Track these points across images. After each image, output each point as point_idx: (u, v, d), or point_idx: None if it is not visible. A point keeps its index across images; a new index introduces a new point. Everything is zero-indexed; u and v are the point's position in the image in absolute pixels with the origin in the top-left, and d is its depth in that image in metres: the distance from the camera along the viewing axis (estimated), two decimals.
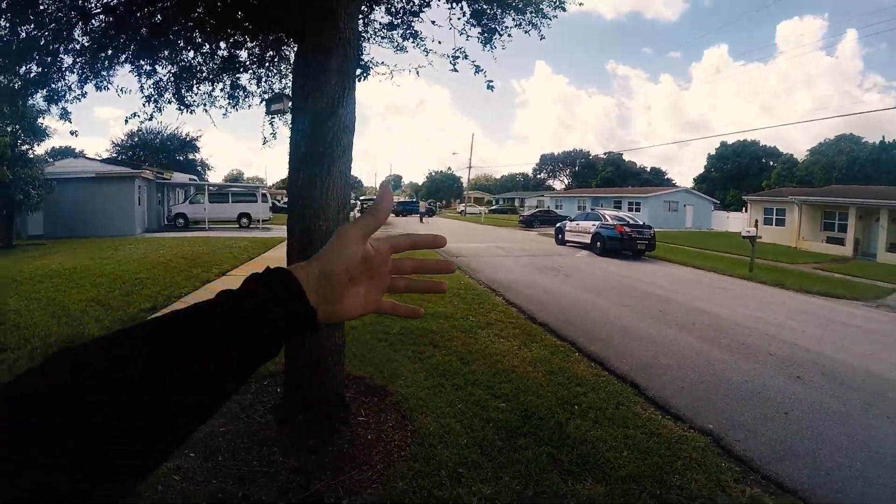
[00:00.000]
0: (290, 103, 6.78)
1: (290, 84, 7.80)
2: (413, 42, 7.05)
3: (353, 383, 5.55)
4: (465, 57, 6.66)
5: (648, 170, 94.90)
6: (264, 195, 35.31)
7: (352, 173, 4.67)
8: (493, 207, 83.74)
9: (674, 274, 16.88)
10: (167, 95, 7.45)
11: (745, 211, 39.70)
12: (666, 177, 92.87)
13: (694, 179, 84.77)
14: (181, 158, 55.98)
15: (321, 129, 4.32)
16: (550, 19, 6.68)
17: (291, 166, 4.53)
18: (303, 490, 3.70)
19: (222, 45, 7.20)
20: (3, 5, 5.50)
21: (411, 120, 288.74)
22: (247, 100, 8.05)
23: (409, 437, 4.47)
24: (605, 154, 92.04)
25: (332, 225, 4.40)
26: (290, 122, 5.00)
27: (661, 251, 22.21)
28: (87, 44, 6.46)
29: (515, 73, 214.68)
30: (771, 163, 77.70)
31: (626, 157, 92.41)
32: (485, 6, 6.45)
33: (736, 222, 44.77)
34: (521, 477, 3.93)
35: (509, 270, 15.89)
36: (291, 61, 7.55)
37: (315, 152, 4.34)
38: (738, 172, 76.84)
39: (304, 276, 0.64)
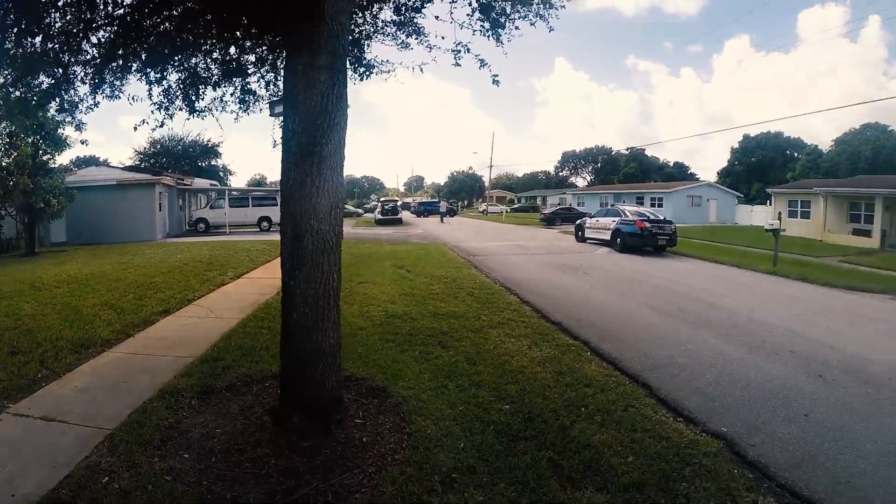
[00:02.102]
0: None
1: None
2: (417, 38, 6.96)
3: (354, 385, 5.51)
4: (468, 51, 6.54)
5: (671, 165, 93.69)
6: None
7: (373, 175, 4.61)
8: (515, 206, 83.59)
9: (695, 270, 16.56)
10: (177, 102, 7.48)
11: (770, 204, 38.95)
12: (689, 171, 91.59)
13: (718, 173, 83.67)
14: (203, 164, 57.00)
15: (311, 126, 4.29)
16: (558, 9, 6.53)
17: (283, 167, 4.49)
18: (291, 493, 3.66)
19: (231, 50, 7.21)
20: (9, 20, 5.52)
21: (433, 121, 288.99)
22: (257, 104, 8.05)
23: (405, 440, 4.39)
24: (627, 150, 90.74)
25: (324, 223, 4.35)
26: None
27: (683, 247, 21.88)
28: (95, 54, 6.50)
29: (535, 71, 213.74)
30: (796, 154, 76.21)
31: (648, 153, 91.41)
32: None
33: (760, 216, 43.87)
34: (517, 483, 3.80)
35: (526, 269, 15.78)
36: None
37: (305, 151, 4.30)
38: (763, 165, 75.62)
39: None
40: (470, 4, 6.37)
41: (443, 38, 6.77)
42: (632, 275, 14.88)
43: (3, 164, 22.06)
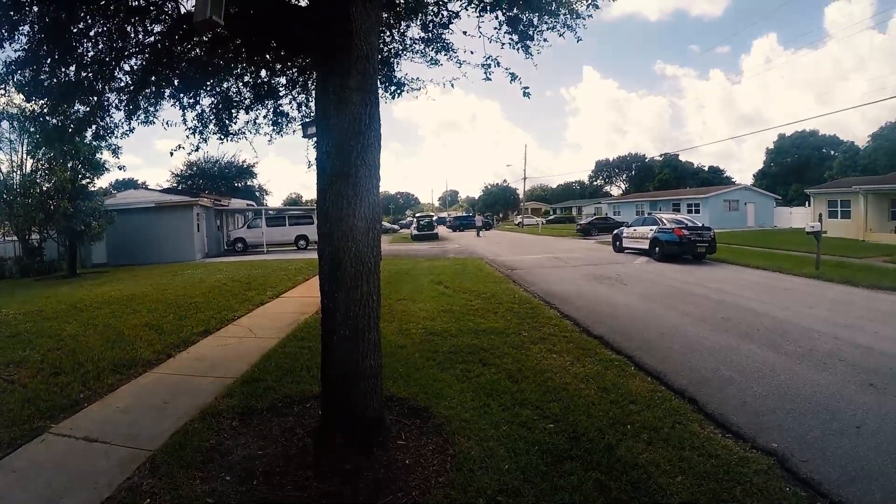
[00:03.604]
0: None
1: None
2: (446, 55, 6.97)
3: (395, 405, 5.46)
4: (498, 65, 6.54)
5: (706, 169, 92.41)
6: None
7: (407, 191, 4.59)
8: (551, 217, 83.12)
9: (736, 277, 16.15)
10: (211, 126, 7.59)
11: (809, 205, 38.03)
12: (725, 175, 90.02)
13: (754, 176, 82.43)
14: (239, 185, 58.15)
15: (345, 148, 4.28)
16: (585, 19, 6.47)
17: (319, 189, 4.48)
18: None
19: (262, 73, 7.30)
20: (43, 51, 5.65)
21: (465, 135, 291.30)
22: (290, 125, 8.14)
23: (448, 461, 4.31)
24: (660, 156, 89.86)
25: (362, 246, 4.33)
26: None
27: (723, 253, 21.41)
28: (129, 81, 6.64)
29: (564, 82, 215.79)
30: (832, 152, 74.65)
31: (682, 158, 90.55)
32: (518, 12, 6.29)
33: (800, 218, 42.94)
34: None
35: (565, 281, 15.58)
36: None
37: (340, 173, 4.29)
38: (799, 165, 74.14)
39: None
40: (497, 18, 6.36)
41: (472, 52, 6.78)
42: (672, 284, 14.58)
43: (44, 188, 22.86)
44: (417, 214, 59.08)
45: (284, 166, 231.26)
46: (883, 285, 13.53)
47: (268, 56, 6.85)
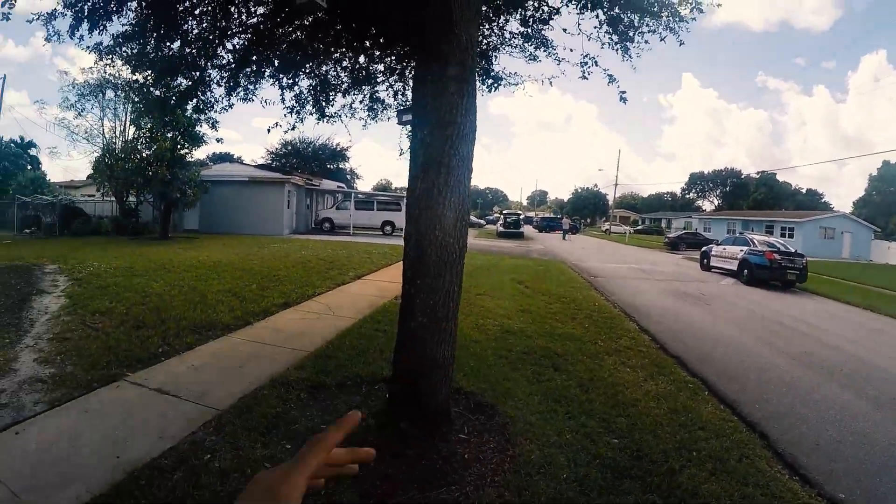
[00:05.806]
0: None
1: None
2: (545, 51, 6.92)
3: (462, 398, 5.45)
4: (596, 64, 6.44)
5: (804, 191, 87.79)
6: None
7: (496, 187, 4.58)
8: (639, 227, 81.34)
9: (825, 310, 15.23)
10: (308, 107, 7.81)
11: None
12: (822, 200, 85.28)
13: (853, 203, 77.62)
14: (332, 167, 59.69)
15: (439, 137, 4.29)
16: (687, 23, 6.28)
17: (411, 175, 4.53)
18: (387, 498, 3.65)
19: (360, 58, 7.46)
20: (150, 25, 5.96)
21: (559, 136, 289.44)
22: (385, 112, 8.28)
23: (507, 462, 4.27)
24: (757, 173, 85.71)
25: (448, 236, 4.35)
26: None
27: (813, 283, 20.25)
28: (230, 60, 6.93)
29: (662, 88, 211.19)
30: None
31: (779, 178, 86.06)
32: (619, 12, 6.17)
33: None
34: None
35: (648, 295, 15.21)
36: None
37: (433, 161, 4.31)
38: None
39: None
40: (598, 17, 6.26)
41: (571, 50, 6.73)
42: (758, 310, 13.91)
43: (144, 155, 24.31)
44: (505, 211, 58.88)
45: (376, 152, 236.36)
46: None
47: (367, 42, 6.97)
